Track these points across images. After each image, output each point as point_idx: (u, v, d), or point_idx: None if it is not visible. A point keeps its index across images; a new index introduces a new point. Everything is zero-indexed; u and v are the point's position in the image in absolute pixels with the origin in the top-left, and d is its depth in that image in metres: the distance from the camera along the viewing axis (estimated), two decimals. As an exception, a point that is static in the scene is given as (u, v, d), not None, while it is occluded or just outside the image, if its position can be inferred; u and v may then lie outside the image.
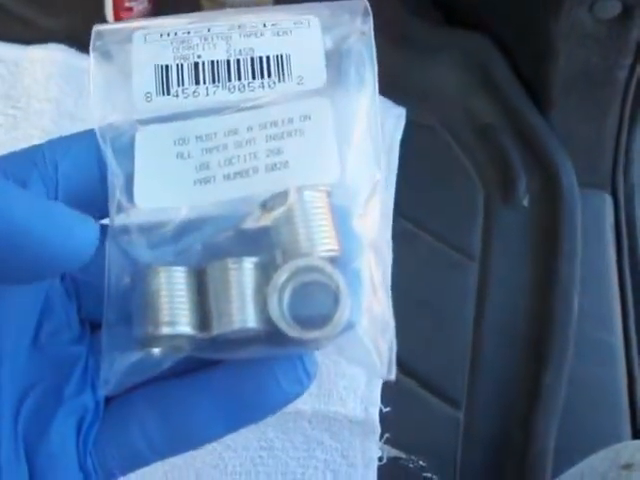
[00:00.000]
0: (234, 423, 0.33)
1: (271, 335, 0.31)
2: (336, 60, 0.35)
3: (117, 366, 0.32)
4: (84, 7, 0.88)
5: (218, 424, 0.33)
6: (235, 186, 0.32)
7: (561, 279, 0.77)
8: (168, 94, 0.33)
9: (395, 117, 0.85)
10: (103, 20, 0.87)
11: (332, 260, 0.31)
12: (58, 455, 0.32)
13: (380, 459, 0.69)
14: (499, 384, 0.74)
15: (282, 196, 0.31)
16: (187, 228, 0.32)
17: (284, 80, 0.34)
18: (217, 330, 0.31)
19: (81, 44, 0.84)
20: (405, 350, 0.74)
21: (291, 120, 0.33)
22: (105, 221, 0.33)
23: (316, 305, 0.31)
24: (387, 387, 0.71)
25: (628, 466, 0.51)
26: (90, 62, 0.35)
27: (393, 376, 0.34)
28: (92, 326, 0.35)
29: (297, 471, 0.68)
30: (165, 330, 0.31)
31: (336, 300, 0.30)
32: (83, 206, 0.32)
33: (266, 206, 0.32)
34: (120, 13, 0.85)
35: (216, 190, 0.32)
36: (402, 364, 0.73)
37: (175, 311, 0.31)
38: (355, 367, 0.69)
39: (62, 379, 0.33)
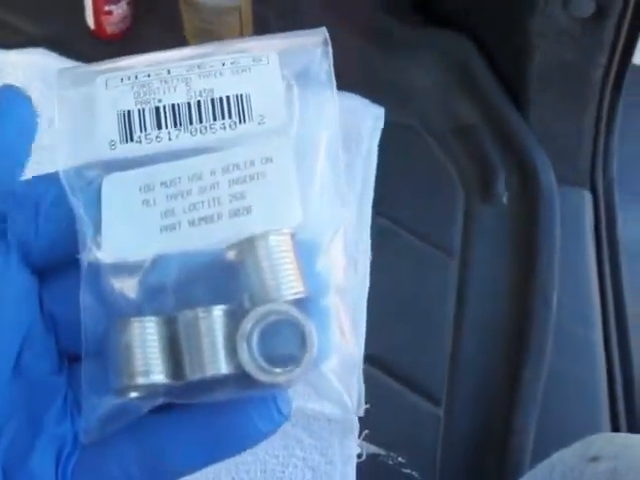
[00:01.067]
0: (210, 458, 0.33)
1: (243, 379, 0.31)
2: (297, 94, 0.35)
3: (97, 414, 0.32)
4: (65, 12, 0.89)
5: (194, 459, 0.33)
6: (200, 232, 0.33)
7: (540, 275, 0.77)
8: (132, 140, 0.34)
9: (374, 117, 0.85)
10: (83, 24, 0.88)
11: (298, 302, 0.32)
12: None
13: (359, 456, 0.69)
14: (479, 381, 0.74)
15: (247, 242, 0.32)
16: (156, 275, 0.33)
17: (245, 120, 0.34)
18: (190, 377, 0.31)
19: (62, 48, 0.84)
20: (385, 347, 0.76)
21: (253, 163, 0.33)
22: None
23: (284, 349, 0.31)
24: (367, 384, 0.71)
25: (595, 458, 0.52)
26: (55, 107, 0.35)
27: (362, 413, 0.35)
28: (70, 358, 0.35)
29: (276, 469, 0.68)
30: (140, 380, 0.31)
31: (303, 342, 0.31)
32: (64, 245, 0.33)
33: (232, 252, 0.32)
34: (100, 17, 0.86)
35: (182, 237, 0.33)
36: (382, 361, 0.74)
37: (149, 361, 0.32)
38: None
39: (42, 409, 0.33)
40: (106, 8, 0.86)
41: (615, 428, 0.75)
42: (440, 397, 0.74)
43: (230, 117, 0.34)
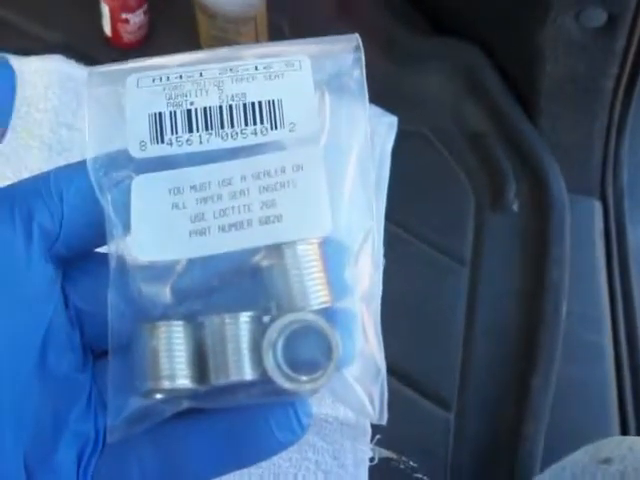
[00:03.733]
0: (227, 466, 0.34)
1: (267, 385, 0.32)
2: (329, 101, 0.35)
3: (122, 415, 0.33)
4: (82, 19, 0.90)
5: (212, 466, 0.34)
6: (230, 238, 0.33)
7: (550, 284, 0.78)
8: (162, 142, 0.34)
9: (387, 125, 0.86)
10: (100, 32, 0.89)
11: (325, 311, 0.32)
12: None
13: (371, 460, 0.70)
14: (489, 386, 0.75)
15: (276, 249, 0.32)
16: (184, 279, 0.33)
17: (276, 127, 0.34)
18: (215, 382, 0.32)
19: (79, 55, 0.85)
20: (397, 353, 0.76)
21: (284, 170, 0.33)
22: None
23: (309, 357, 0.32)
24: (378, 390, 0.72)
25: (607, 460, 0.52)
26: (85, 107, 0.35)
27: (384, 421, 0.35)
28: (95, 354, 0.36)
29: (290, 472, 0.69)
30: (165, 384, 0.32)
31: (328, 352, 0.32)
32: (88, 235, 0.34)
33: (261, 259, 0.33)
34: (116, 25, 0.87)
35: (211, 242, 0.33)
36: (394, 367, 0.74)
37: (175, 365, 0.32)
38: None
39: (66, 406, 0.34)
40: (123, 16, 0.87)
41: (624, 434, 0.75)
42: (451, 403, 0.74)
43: (262, 123, 0.34)
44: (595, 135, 0.85)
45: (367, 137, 0.36)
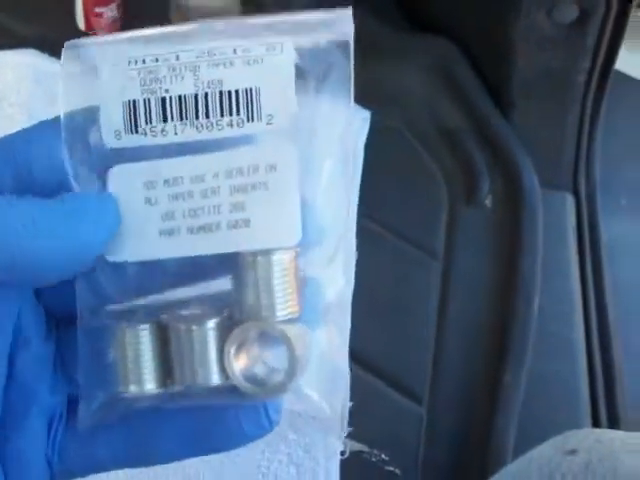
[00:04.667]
0: (194, 451, 0.34)
1: (232, 389, 0.32)
2: (311, 91, 0.33)
3: (92, 407, 0.33)
4: (55, 13, 0.90)
5: (179, 450, 0.34)
6: (198, 242, 0.32)
7: (522, 278, 0.78)
8: (136, 132, 0.32)
9: (360, 120, 0.86)
10: (74, 26, 0.89)
11: (291, 321, 0.32)
12: (28, 453, 0.33)
13: (342, 453, 0.70)
14: (461, 381, 0.75)
15: (249, 256, 0.32)
16: (151, 279, 0.33)
17: (253, 119, 0.32)
18: (181, 386, 0.32)
19: (52, 49, 0.85)
20: (369, 347, 0.77)
21: (257, 169, 0.32)
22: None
23: (272, 364, 0.32)
24: (351, 384, 0.72)
25: (573, 451, 0.52)
26: (60, 81, 0.34)
27: (345, 432, 0.35)
28: (58, 323, 0.35)
29: (262, 464, 0.69)
30: (132, 389, 0.32)
31: (291, 360, 0.31)
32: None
33: (231, 264, 0.32)
34: (90, 19, 0.87)
35: (180, 244, 0.32)
36: (366, 360, 0.74)
37: (141, 370, 0.32)
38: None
39: (35, 379, 0.34)
40: (96, 10, 0.86)
41: (595, 424, 0.76)
42: (423, 396, 0.75)
43: (238, 114, 0.32)
44: (568, 129, 0.86)
45: (349, 133, 0.34)
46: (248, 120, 0.32)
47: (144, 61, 0.33)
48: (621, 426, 0.76)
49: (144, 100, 0.33)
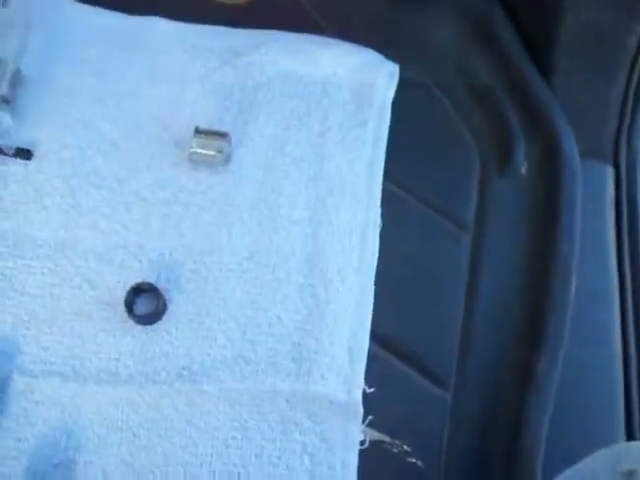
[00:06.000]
0: None
1: None
2: None
3: None
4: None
5: None
6: None
7: (559, 255, 0.72)
8: None
9: (388, 74, 0.79)
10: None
11: None
12: None
13: (362, 443, 0.64)
14: (489, 365, 0.70)
15: None
16: None
17: None
18: None
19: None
20: (391, 325, 0.70)
21: None
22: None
23: None
24: (372, 365, 0.67)
25: (631, 473, 0.47)
26: None
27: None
28: None
29: (273, 454, 0.63)
30: None
31: None
32: None
33: None
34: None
35: None
36: (388, 340, 0.69)
37: None
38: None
39: None
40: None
41: (629, 419, 0.71)
42: (448, 381, 0.69)
43: None
44: (612, 96, 0.79)
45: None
46: None
47: None
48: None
49: None
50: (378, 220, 0.73)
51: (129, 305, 0.66)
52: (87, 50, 0.78)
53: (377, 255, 0.71)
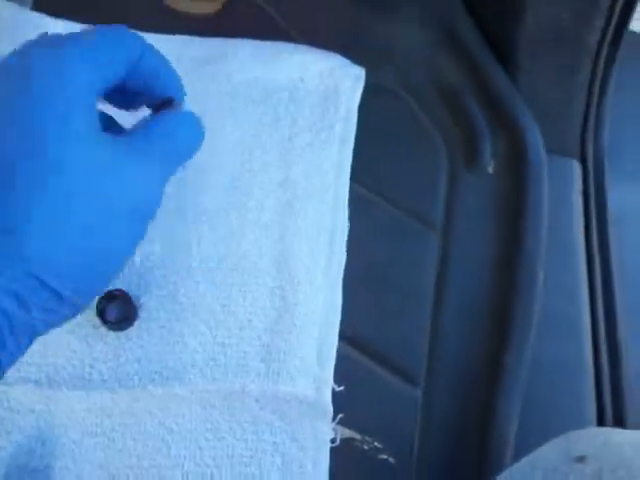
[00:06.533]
0: None
1: None
2: None
3: None
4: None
5: None
6: None
7: (526, 251, 0.73)
8: None
9: (353, 78, 0.80)
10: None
11: None
12: None
13: (333, 441, 0.65)
14: (459, 361, 0.71)
15: None
16: None
17: None
18: None
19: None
20: (361, 323, 0.71)
21: None
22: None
23: None
24: (342, 364, 0.68)
25: (581, 458, 0.47)
26: None
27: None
28: None
29: (245, 454, 0.64)
30: None
31: None
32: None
33: None
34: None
35: None
36: (358, 339, 0.69)
37: None
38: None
39: None
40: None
41: (600, 412, 0.71)
42: (418, 378, 0.70)
43: None
44: (576, 93, 0.80)
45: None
46: None
47: None
48: (625, 409, 0.72)
49: None
50: (346, 222, 0.73)
51: (101, 311, 0.67)
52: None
53: (345, 256, 0.72)
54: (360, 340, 0.69)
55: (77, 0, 0.83)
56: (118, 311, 0.67)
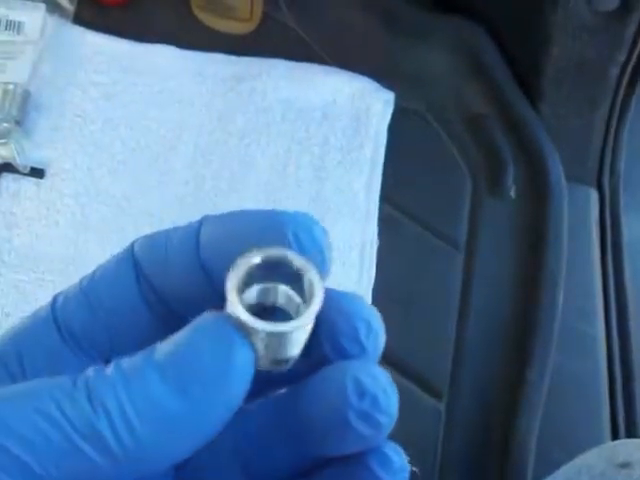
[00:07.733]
0: None
1: None
2: None
3: None
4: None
5: None
6: None
7: (547, 272, 0.76)
8: None
9: (383, 102, 0.83)
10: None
11: None
12: None
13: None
14: (482, 376, 0.73)
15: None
16: None
17: None
18: None
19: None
20: (388, 339, 0.73)
21: None
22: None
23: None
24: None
25: (626, 465, 0.50)
26: None
27: None
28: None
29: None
30: None
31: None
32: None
33: None
34: None
35: None
36: (385, 354, 0.71)
37: None
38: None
39: None
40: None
41: (614, 424, 0.74)
42: (442, 391, 0.72)
43: None
44: (596, 123, 0.83)
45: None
46: None
47: None
48: (637, 422, 0.74)
49: None
50: (375, 239, 0.76)
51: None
52: (97, 75, 0.82)
53: (375, 271, 0.75)
54: (388, 354, 0.70)
55: (114, 13, 0.85)
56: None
